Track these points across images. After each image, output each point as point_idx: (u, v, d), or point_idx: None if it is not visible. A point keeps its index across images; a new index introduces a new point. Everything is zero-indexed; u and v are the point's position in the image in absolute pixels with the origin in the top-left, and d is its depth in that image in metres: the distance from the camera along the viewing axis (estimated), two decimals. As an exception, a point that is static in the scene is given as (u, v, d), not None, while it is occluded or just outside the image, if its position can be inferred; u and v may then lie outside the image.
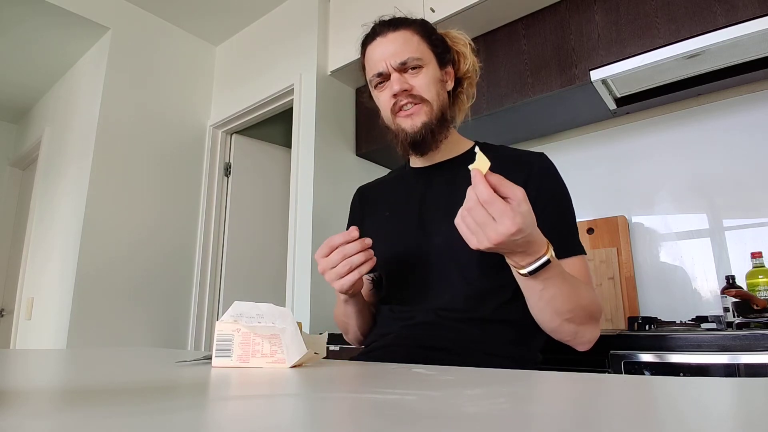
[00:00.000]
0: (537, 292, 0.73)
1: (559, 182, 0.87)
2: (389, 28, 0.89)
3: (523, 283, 0.73)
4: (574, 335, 0.77)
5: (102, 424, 0.26)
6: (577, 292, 0.75)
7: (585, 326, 0.77)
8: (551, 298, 0.73)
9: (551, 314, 0.75)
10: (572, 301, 0.74)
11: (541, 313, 0.76)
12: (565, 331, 0.77)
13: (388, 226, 0.95)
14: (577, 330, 0.77)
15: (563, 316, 0.75)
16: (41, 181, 2.71)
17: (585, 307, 0.76)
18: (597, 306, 0.79)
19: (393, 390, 0.39)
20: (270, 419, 0.29)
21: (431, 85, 0.87)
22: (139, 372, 0.56)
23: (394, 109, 0.89)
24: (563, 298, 0.73)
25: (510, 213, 0.62)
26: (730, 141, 1.62)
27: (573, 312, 0.75)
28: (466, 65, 0.94)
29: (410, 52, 0.86)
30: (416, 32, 0.89)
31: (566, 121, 1.89)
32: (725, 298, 1.44)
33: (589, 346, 0.79)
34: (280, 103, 2.41)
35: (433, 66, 0.89)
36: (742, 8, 1.32)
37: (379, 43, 0.89)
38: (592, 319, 0.78)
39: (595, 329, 0.79)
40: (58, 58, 2.63)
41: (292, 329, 0.59)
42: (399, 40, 0.88)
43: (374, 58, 0.89)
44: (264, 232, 2.76)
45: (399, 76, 0.87)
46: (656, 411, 0.30)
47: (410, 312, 0.87)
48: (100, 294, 2.13)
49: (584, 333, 0.78)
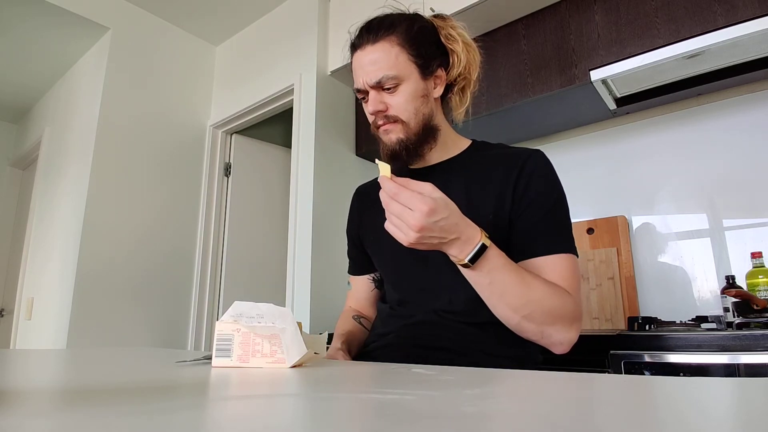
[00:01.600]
0: (486, 287, 0.73)
1: (548, 179, 0.84)
2: (368, 38, 0.85)
3: (471, 279, 0.73)
4: (540, 335, 0.75)
5: (102, 424, 0.26)
6: (529, 286, 0.73)
7: (551, 327, 0.74)
8: (502, 292, 0.72)
9: (507, 311, 0.74)
10: (525, 295, 0.72)
11: (497, 309, 0.75)
12: (529, 330, 0.75)
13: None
14: (542, 330, 0.74)
15: (520, 312, 0.73)
16: (41, 181, 2.71)
17: (543, 304, 0.73)
18: (567, 307, 0.75)
19: (393, 390, 0.39)
20: (270, 419, 0.29)
21: (408, 102, 0.84)
22: (139, 372, 0.56)
23: (374, 124, 0.88)
24: (516, 292, 0.72)
25: (418, 196, 0.65)
26: (730, 141, 1.62)
27: (529, 308, 0.73)
28: (459, 67, 0.89)
29: (386, 70, 0.82)
30: (397, 42, 0.84)
31: (566, 121, 1.89)
32: (725, 298, 1.44)
33: (564, 348, 0.77)
34: (280, 103, 2.41)
35: (414, 79, 0.84)
36: (742, 8, 1.32)
37: (358, 57, 0.86)
38: (560, 320, 0.74)
39: (567, 331, 0.75)
40: (58, 58, 2.63)
41: (292, 329, 0.60)
42: (376, 55, 0.83)
43: (355, 72, 0.88)
44: (264, 232, 2.76)
45: (375, 95, 0.85)
46: (656, 411, 0.30)
47: (410, 312, 0.87)
48: (100, 294, 2.13)
49: (552, 334, 0.75)
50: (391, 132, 0.86)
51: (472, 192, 0.85)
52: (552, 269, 0.78)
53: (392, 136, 0.86)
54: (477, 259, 0.70)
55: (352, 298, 1.09)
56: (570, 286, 0.77)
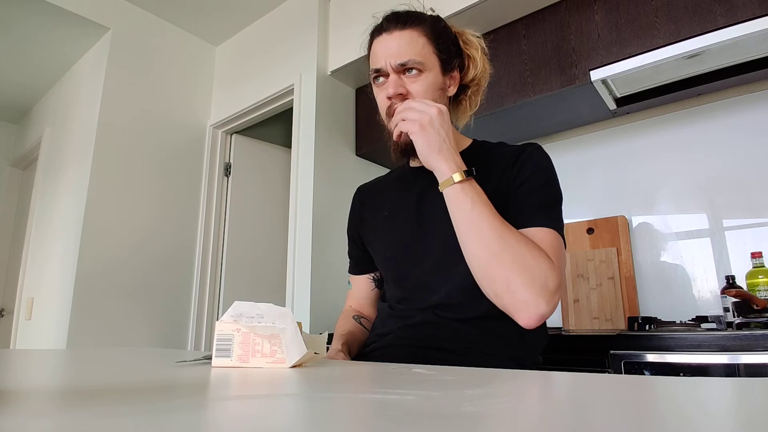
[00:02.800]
0: (466, 212, 0.75)
1: (540, 164, 0.84)
2: (397, 24, 0.86)
3: (454, 197, 0.76)
4: (506, 286, 0.71)
5: (102, 424, 0.26)
6: (506, 226, 0.74)
7: (520, 277, 0.71)
8: (479, 221, 0.74)
9: (478, 245, 0.74)
10: (500, 232, 0.73)
11: (468, 244, 0.75)
12: (496, 276, 0.72)
13: (388, 225, 0.95)
14: (508, 278, 0.71)
15: (491, 248, 0.72)
16: (41, 181, 2.71)
17: (516, 249, 0.72)
18: (542, 266, 0.72)
19: (393, 390, 0.39)
20: (270, 419, 0.29)
21: (428, 92, 0.85)
22: (139, 372, 0.56)
23: (389, 111, 0.86)
24: (491, 224, 0.73)
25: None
26: (730, 141, 1.62)
27: (500, 245, 0.72)
28: (476, 71, 0.91)
29: (412, 54, 0.83)
30: (424, 33, 0.85)
31: (566, 121, 1.89)
32: (725, 298, 1.44)
33: (530, 316, 0.71)
34: (280, 103, 2.41)
35: (435, 72, 0.86)
36: (742, 8, 1.32)
37: (384, 39, 0.86)
38: (531, 275, 0.71)
39: (537, 294, 0.70)
40: (58, 58, 2.63)
41: (292, 329, 0.60)
42: (404, 40, 0.84)
43: (376, 54, 0.87)
44: (264, 232, 2.76)
45: (397, 78, 0.85)
46: (656, 411, 0.30)
47: (409, 311, 0.87)
48: (100, 294, 2.13)
49: (518, 288, 0.71)
50: None
51: None
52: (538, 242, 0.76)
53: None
54: (468, 176, 0.76)
55: (352, 298, 1.09)
56: (552, 256, 0.75)
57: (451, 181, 0.76)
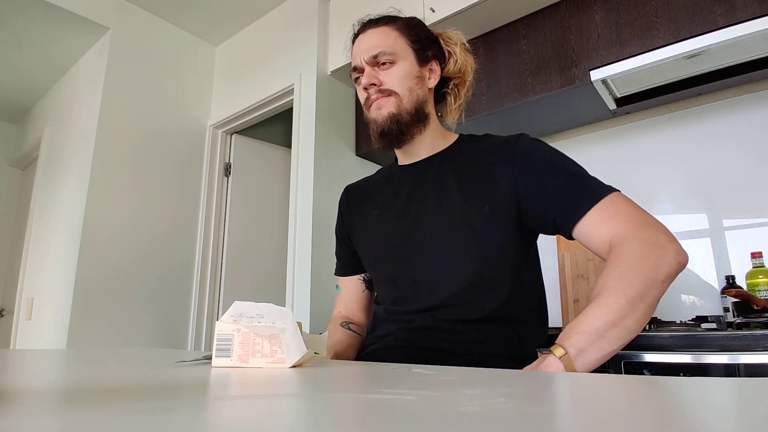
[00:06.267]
0: (607, 343, 0.63)
1: (544, 150, 0.83)
2: (371, 25, 0.92)
3: (594, 363, 0.63)
4: (657, 280, 0.71)
5: (102, 423, 0.26)
6: (609, 293, 0.66)
7: (651, 276, 0.69)
8: (604, 330, 0.63)
9: (634, 325, 0.66)
10: (619, 301, 0.65)
11: (628, 336, 0.66)
12: (654, 293, 0.70)
13: (378, 226, 0.94)
14: (654, 277, 0.70)
15: (633, 305, 0.66)
16: (41, 181, 2.71)
17: (627, 281, 0.67)
18: (647, 258, 0.69)
19: (393, 390, 0.39)
20: (270, 419, 0.29)
21: (403, 80, 0.87)
22: (139, 372, 0.56)
23: (367, 103, 0.90)
24: (611, 319, 0.63)
25: None
26: (730, 141, 1.62)
27: (626, 294, 0.66)
28: (456, 65, 0.93)
29: (383, 47, 0.87)
30: (396, 28, 0.90)
31: (566, 121, 1.89)
32: (725, 298, 1.44)
33: (680, 258, 0.73)
34: (280, 103, 2.41)
35: (410, 61, 0.88)
36: (742, 8, 1.32)
37: (360, 39, 0.92)
38: (653, 268, 0.70)
39: (665, 253, 0.71)
40: (58, 58, 2.63)
41: (292, 329, 0.59)
42: (376, 35, 0.89)
43: (354, 54, 0.92)
44: (264, 232, 2.76)
45: (370, 70, 0.88)
46: (656, 411, 0.30)
47: (406, 315, 0.86)
48: (100, 294, 2.13)
49: (659, 268, 0.70)
50: (383, 107, 0.87)
51: (466, 185, 0.85)
52: (603, 221, 0.73)
53: (384, 111, 0.87)
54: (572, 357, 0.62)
55: (341, 303, 1.04)
56: (630, 220, 0.72)
57: (569, 360, 0.62)
